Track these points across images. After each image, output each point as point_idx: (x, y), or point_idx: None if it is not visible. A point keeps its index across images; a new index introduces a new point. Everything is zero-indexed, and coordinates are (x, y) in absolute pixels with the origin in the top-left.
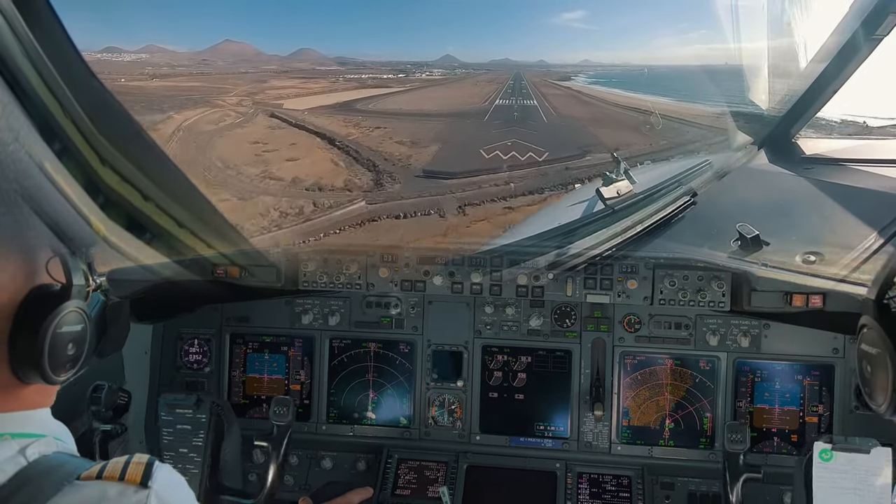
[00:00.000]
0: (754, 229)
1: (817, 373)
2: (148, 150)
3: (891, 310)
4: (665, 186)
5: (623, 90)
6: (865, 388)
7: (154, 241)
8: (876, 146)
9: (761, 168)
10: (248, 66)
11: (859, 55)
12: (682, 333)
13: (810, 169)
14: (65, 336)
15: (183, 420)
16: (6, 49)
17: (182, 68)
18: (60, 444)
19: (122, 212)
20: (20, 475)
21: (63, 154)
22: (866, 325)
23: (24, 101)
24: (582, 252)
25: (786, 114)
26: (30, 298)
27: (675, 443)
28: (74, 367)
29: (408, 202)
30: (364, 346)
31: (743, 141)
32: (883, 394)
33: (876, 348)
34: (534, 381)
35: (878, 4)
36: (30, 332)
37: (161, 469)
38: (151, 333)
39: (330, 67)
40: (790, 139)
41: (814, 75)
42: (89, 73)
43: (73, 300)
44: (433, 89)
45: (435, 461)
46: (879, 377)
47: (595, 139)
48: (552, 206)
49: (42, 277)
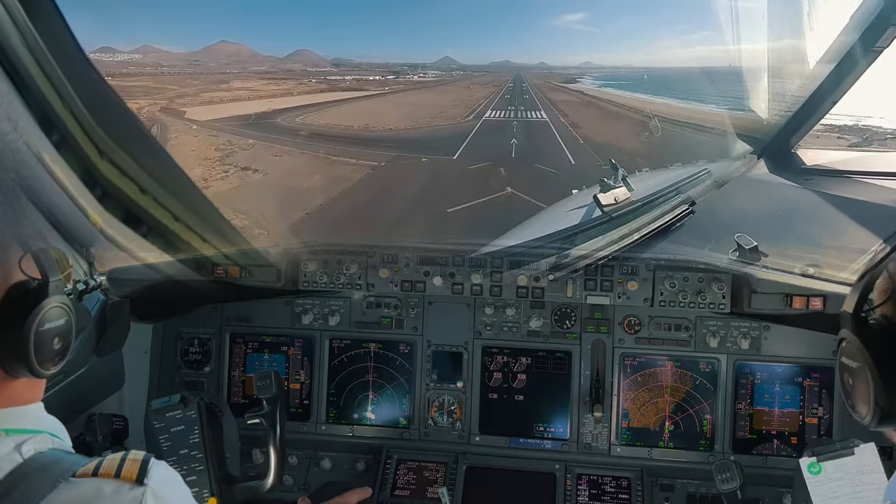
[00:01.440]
0: (753, 240)
1: (817, 375)
2: (146, 144)
3: (868, 322)
4: (663, 194)
5: (646, 94)
6: (848, 401)
7: (152, 237)
8: (876, 158)
9: (761, 178)
10: (239, 66)
11: (859, 67)
12: (682, 335)
13: (810, 180)
14: (49, 332)
15: (174, 422)
16: (6, 39)
17: (133, 67)
18: (56, 440)
19: (120, 205)
20: (16, 472)
21: (61, 146)
22: (845, 339)
23: (23, 92)
24: (577, 259)
25: (785, 124)
26: (7, 299)
27: (675, 444)
28: (63, 359)
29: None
30: (364, 347)
31: (742, 150)
32: (865, 406)
33: (856, 362)
34: (533, 382)
35: (878, 17)
36: (13, 333)
37: (157, 466)
38: (151, 333)
39: (317, 69)
40: (790, 149)
41: (814, 86)
42: (89, 65)
43: (53, 296)
44: (413, 94)
45: (434, 462)
46: (860, 390)
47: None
48: (548, 210)
49: (16, 276)
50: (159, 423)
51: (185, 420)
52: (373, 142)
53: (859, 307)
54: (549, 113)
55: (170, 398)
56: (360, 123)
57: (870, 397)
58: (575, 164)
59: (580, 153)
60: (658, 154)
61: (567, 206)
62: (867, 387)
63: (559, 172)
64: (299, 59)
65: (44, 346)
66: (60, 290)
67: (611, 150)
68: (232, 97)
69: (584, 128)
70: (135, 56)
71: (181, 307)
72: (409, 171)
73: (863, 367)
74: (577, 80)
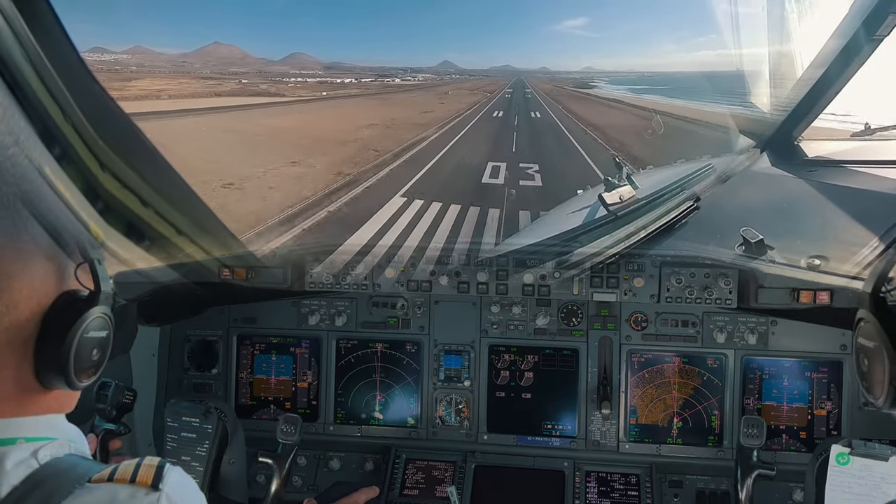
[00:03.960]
0: (758, 234)
1: (825, 369)
2: (149, 156)
3: (887, 303)
4: (668, 191)
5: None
6: (863, 383)
7: (155, 248)
8: (879, 147)
9: (764, 171)
10: (226, 68)
11: (860, 56)
12: (689, 331)
13: (813, 171)
14: (91, 341)
15: (189, 428)
16: (7, 52)
17: (118, 67)
18: (73, 445)
19: (122, 218)
20: (32, 478)
21: (63, 159)
22: (863, 319)
23: (24, 105)
24: (584, 259)
25: (788, 116)
26: (59, 303)
27: (684, 441)
28: (97, 372)
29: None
30: (371, 347)
31: (745, 144)
32: (880, 387)
33: (872, 342)
34: (541, 380)
35: (879, 4)
36: (57, 337)
37: (172, 471)
38: (159, 335)
39: (299, 71)
40: (793, 142)
41: (815, 77)
42: (91, 77)
43: (100, 306)
44: (350, 104)
45: (443, 461)
46: (876, 371)
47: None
48: (554, 211)
49: (71, 283)
50: (173, 422)
51: (199, 430)
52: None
53: (878, 287)
54: (574, 133)
55: (194, 403)
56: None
57: (885, 377)
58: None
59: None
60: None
61: (572, 206)
62: (883, 367)
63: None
64: (294, 63)
65: (83, 355)
66: (108, 302)
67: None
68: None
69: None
70: (123, 56)
71: (188, 310)
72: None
73: (879, 346)
74: (590, 85)
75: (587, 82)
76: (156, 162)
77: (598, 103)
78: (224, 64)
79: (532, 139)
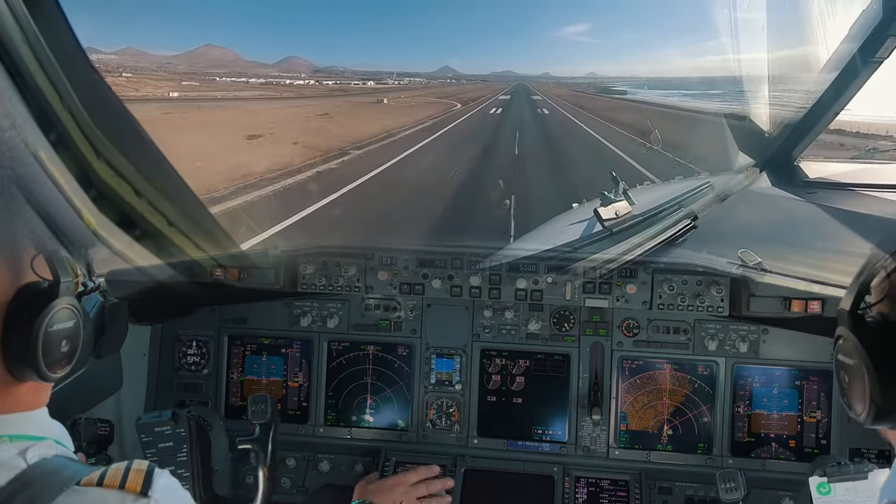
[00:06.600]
0: (757, 256)
1: (815, 378)
2: (144, 148)
3: (865, 320)
4: (665, 208)
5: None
6: (844, 399)
7: (145, 241)
8: (880, 170)
9: (763, 191)
10: (220, 70)
11: (859, 78)
12: (680, 338)
13: (813, 193)
14: (58, 334)
15: (162, 437)
16: (7, 36)
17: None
18: (60, 447)
19: (115, 207)
20: (19, 478)
21: (58, 145)
22: (842, 336)
23: (23, 90)
24: (578, 268)
25: (787, 136)
26: (17, 298)
27: (674, 447)
28: (70, 362)
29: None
30: (362, 349)
31: (745, 163)
32: (861, 403)
33: (852, 359)
34: (532, 384)
35: (877, 28)
36: (22, 333)
37: (160, 476)
38: (150, 335)
39: (287, 75)
40: (792, 162)
41: (814, 98)
42: (89, 65)
43: (62, 297)
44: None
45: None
46: (857, 387)
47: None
48: (548, 224)
49: (28, 276)
50: (147, 437)
51: (174, 437)
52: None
53: (856, 305)
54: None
55: (160, 413)
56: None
57: (866, 395)
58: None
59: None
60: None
61: (567, 220)
62: (863, 384)
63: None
64: (288, 67)
65: (52, 348)
66: (70, 291)
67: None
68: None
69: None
70: (113, 57)
71: (180, 309)
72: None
73: (859, 364)
74: (611, 90)
75: (609, 87)
76: (150, 153)
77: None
78: (211, 66)
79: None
